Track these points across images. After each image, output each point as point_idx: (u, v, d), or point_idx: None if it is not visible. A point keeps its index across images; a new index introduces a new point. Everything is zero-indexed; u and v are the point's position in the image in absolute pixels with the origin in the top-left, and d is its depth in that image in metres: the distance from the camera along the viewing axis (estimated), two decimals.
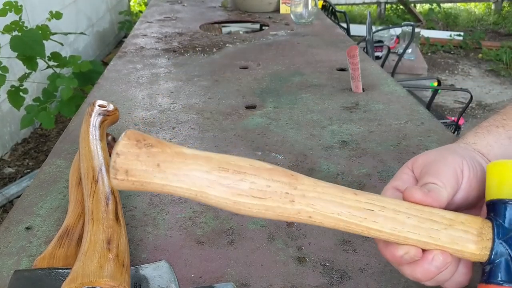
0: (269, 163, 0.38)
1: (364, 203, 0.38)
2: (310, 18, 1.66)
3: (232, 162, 0.36)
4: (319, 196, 0.37)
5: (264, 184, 0.36)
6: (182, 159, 0.35)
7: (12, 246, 0.58)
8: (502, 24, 5.30)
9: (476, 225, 0.38)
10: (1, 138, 2.53)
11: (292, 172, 0.38)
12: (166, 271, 0.52)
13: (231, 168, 0.36)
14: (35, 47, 1.95)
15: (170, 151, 0.35)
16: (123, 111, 0.96)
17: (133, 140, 0.35)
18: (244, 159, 0.37)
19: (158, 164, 0.35)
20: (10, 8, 2.00)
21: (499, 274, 0.38)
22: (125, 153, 0.34)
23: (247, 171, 0.36)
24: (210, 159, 0.36)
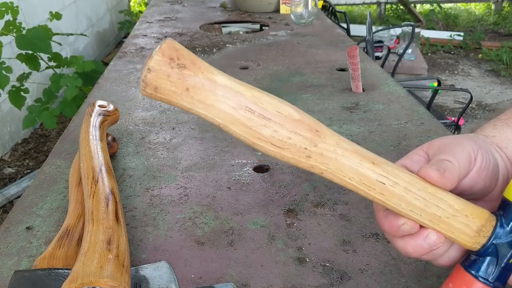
0: (299, 111, 0.37)
1: (378, 175, 0.37)
2: (310, 18, 1.66)
3: (261, 104, 0.35)
4: (336, 157, 0.37)
5: (286, 135, 0.36)
6: (212, 88, 0.35)
7: (12, 246, 0.58)
8: (502, 24, 5.31)
9: (480, 221, 0.38)
10: (1, 138, 2.53)
11: (318, 126, 0.37)
12: (166, 272, 0.52)
13: (257, 111, 0.35)
14: (41, 44, 1.96)
15: (202, 76, 0.35)
16: (123, 111, 0.96)
17: (167, 57, 0.34)
18: (275, 103, 0.36)
19: (187, 88, 0.35)
20: (7, 10, 2.01)
21: (480, 268, 0.39)
22: (156, 70, 0.34)
23: (272, 118, 0.36)
24: (239, 95, 0.35)
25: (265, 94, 0.36)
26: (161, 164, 0.76)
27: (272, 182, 0.71)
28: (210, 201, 0.67)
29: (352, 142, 0.38)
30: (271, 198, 0.67)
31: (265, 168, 0.75)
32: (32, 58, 2.07)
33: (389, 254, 0.55)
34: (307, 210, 0.64)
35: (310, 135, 0.36)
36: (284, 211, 0.64)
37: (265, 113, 0.35)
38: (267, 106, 0.35)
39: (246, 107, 0.35)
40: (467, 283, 0.39)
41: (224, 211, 0.64)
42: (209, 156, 0.79)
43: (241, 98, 0.35)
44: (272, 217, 0.63)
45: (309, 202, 0.66)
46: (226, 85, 0.35)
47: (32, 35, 1.96)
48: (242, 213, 0.64)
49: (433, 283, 0.51)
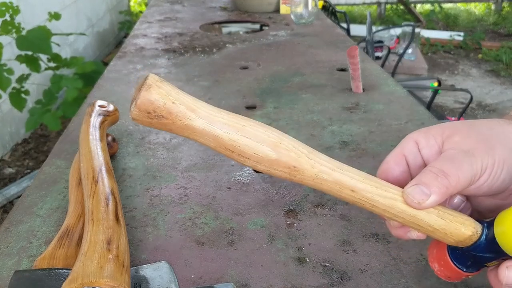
0: (277, 149, 0.39)
1: (357, 199, 0.40)
2: (310, 19, 1.66)
3: (238, 147, 0.38)
4: (315, 185, 0.40)
5: (264, 169, 0.39)
6: (192, 132, 0.38)
7: (12, 246, 0.58)
8: (502, 24, 5.31)
9: (459, 238, 0.39)
10: (1, 139, 2.53)
11: (296, 162, 0.39)
12: (166, 272, 0.52)
13: (236, 152, 0.38)
14: (41, 44, 1.96)
15: (180, 123, 0.38)
16: (123, 111, 0.96)
17: (144, 112, 0.37)
18: (252, 144, 0.38)
19: (171, 129, 0.38)
20: (7, 9, 2.01)
21: (458, 258, 0.41)
22: (138, 120, 0.38)
23: (250, 158, 0.38)
24: (216, 139, 0.38)
25: (243, 135, 0.38)
26: (161, 164, 0.76)
27: (272, 182, 0.71)
28: (210, 201, 0.67)
29: (340, 167, 0.41)
30: (271, 198, 0.67)
31: None
32: (32, 60, 2.07)
33: (389, 254, 0.55)
34: (307, 210, 0.64)
35: (288, 170, 0.39)
36: (284, 211, 0.64)
37: (243, 153, 0.38)
38: (244, 148, 0.38)
39: (225, 147, 0.38)
40: (444, 260, 0.42)
41: (224, 211, 0.64)
42: (209, 156, 0.79)
43: (220, 141, 0.38)
44: (272, 217, 0.63)
45: (309, 202, 0.66)
46: (204, 130, 0.38)
47: (33, 35, 1.96)
48: (242, 213, 0.64)
49: (433, 283, 0.51)
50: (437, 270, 0.43)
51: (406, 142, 0.44)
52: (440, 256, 0.42)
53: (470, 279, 0.51)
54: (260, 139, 0.39)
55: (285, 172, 0.39)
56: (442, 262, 0.42)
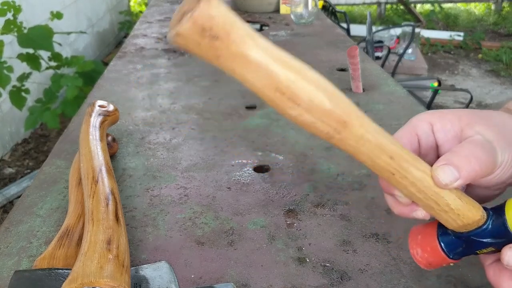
0: (333, 99, 0.35)
1: (391, 168, 0.38)
2: (310, 19, 1.66)
3: (294, 88, 0.33)
4: (355, 146, 0.37)
5: (310, 120, 0.35)
6: (244, 63, 0.33)
7: (12, 246, 0.58)
8: (502, 24, 5.31)
9: (467, 221, 0.39)
10: (1, 139, 2.53)
11: (348, 117, 0.36)
12: (166, 272, 0.52)
13: (288, 94, 0.34)
14: (42, 42, 1.96)
15: (235, 50, 0.32)
16: (123, 111, 0.96)
17: (198, 27, 0.31)
18: (309, 89, 0.34)
19: (218, 57, 0.33)
20: (9, 8, 2.01)
21: (449, 243, 0.41)
22: (184, 36, 0.31)
23: (302, 104, 0.34)
24: (271, 75, 0.33)
25: (302, 77, 0.34)
26: (161, 164, 0.76)
27: (272, 182, 0.71)
28: (210, 201, 0.67)
29: (381, 132, 0.38)
30: (271, 198, 0.67)
31: (265, 168, 0.75)
32: (33, 58, 2.07)
33: (389, 254, 0.55)
34: (307, 210, 0.64)
35: (335, 125, 0.35)
36: (284, 211, 0.64)
37: (295, 98, 0.34)
38: (299, 92, 0.34)
39: (277, 88, 0.33)
40: (432, 245, 0.42)
41: (224, 211, 0.64)
42: (209, 156, 0.79)
43: (274, 79, 0.33)
44: (272, 217, 0.63)
45: (309, 202, 0.66)
46: (260, 63, 0.33)
47: (34, 33, 1.96)
48: (242, 213, 0.64)
49: (433, 283, 0.51)
50: (419, 256, 0.42)
51: (419, 122, 0.43)
52: (426, 242, 0.42)
53: (470, 279, 0.51)
54: (321, 86, 0.35)
55: (330, 127, 0.35)
56: (429, 248, 0.42)
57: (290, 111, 0.34)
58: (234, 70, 0.33)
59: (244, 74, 0.33)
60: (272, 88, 0.33)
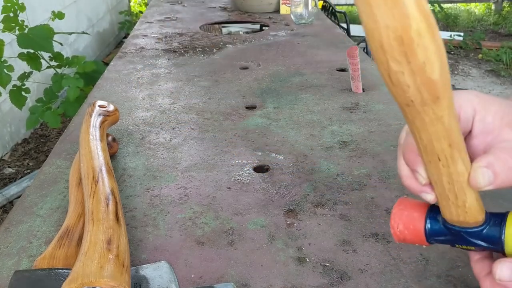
0: (443, 68, 0.31)
1: (442, 154, 0.36)
2: (310, 19, 1.66)
3: (416, 41, 0.29)
4: (424, 121, 0.34)
5: (406, 83, 0.31)
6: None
7: (12, 246, 0.58)
8: (502, 24, 5.30)
9: (471, 219, 0.39)
10: (1, 139, 2.53)
11: (442, 94, 0.32)
12: (166, 272, 0.52)
13: (407, 44, 0.29)
14: (42, 43, 1.96)
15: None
16: (123, 111, 0.96)
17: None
18: (431, 48, 0.29)
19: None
20: (13, 6, 2.01)
21: (435, 229, 0.41)
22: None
23: (412, 62, 0.30)
24: (403, 16, 0.28)
25: (431, 35, 0.29)
26: (161, 164, 0.76)
27: (272, 182, 0.71)
28: (210, 201, 0.67)
29: (456, 116, 0.35)
30: (271, 198, 0.67)
31: (265, 168, 0.75)
32: (34, 58, 2.07)
33: (389, 254, 0.55)
34: (307, 210, 0.64)
35: (427, 97, 0.31)
36: (284, 211, 0.64)
37: (411, 54, 0.29)
38: (419, 50, 0.29)
39: (399, 35, 0.29)
40: (416, 226, 0.42)
41: (224, 211, 0.64)
42: (209, 156, 0.79)
43: (404, 22, 0.28)
44: (272, 217, 0.63)
45: (309, 202, 0.66)
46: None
47: (34, 33, 1.96)
48: (242, 213, 0.64)
49: (433, 283, 0.51)
50: (398, 231, 0.42)
51: (465, 103, 0.40)
52: (411, 221, 0.42)
53: (470, 279, 0.51)
54: (440, 51, 0.30)
55: (420, 98, 0.31)
56: (411, 227, 0.42)
57: (392, 64, 0.30)
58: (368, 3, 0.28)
59: (377, 5, 0.28)
60: (393, 30, 0.28)
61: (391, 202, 0.65)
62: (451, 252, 0.55)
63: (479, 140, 0.40)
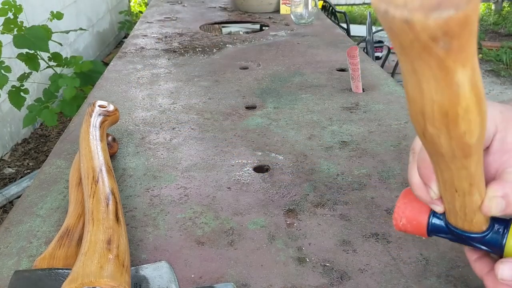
0: (481, 135, 0.30)
1: (461, 189, 0.35)
2: (310, 19, 1.66)
3: (461, 115, 0.27)
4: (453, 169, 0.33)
5: (440, 143, 0.30)
6: (438, 75, 0.26)
7: (12, 246, 0.58)
8: (502, 24, 5.31)
9: (475, 229, 0.39)
10: (1, 139, 2.53)
11: (474, 153, 0.31)
12: (166, 272, 0.52)
13: (451, 117, 0.27)
14: (39, 43, 1.95)
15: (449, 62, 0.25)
16: (123, 111, 0.96)
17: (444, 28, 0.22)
18: (475, 120, 0.28)
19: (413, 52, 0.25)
20: (10, 8, 2.01)
21: (437, 226, 0.41)
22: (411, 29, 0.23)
23: (451, 132, 0.29)
24: (454, 96, 0.26)
25: (478, 110, 0.28)
26: (161, 164, 0.76)
27: (272, 182, 0.71)
28: (210, 201, 0.67)
29: (481, 162, 0.34)
30: (271, 198, 0.67)
31: (265, 168, 0.75)
32: (32, 58, 2.07)
33: (389, 254, 0.55)
34: (307, 210, 0.64)
35: (459, 154, 0.31)
36: (284, 211, 0.64)
37: (452, 125, 0.28)
38: (462, 122, 0.28)
39: (445, 110, 0.27)
40: (419, 222, 0.42)
41: (224, 211, 0.64)
42: (209, 156, 0.79)
43: (453, 100, 0.27)
44: (272, 217, 0.63)
45: (309, 202, 0.66)
46: (457, 83, 0.26)
47: (31, 33, 1.96)
48: (242, 213, 0.64)
49: (433, 283, 0.51)
50: (401, 224, 0.43)
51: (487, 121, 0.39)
52: (415, 217, 0.42)
53: (470, 279, 0.51)
54: (483, 122, 0.29)
55: (451, 153, 0.31)
56: (414, 223, 0.42)
57: (430, 128, 0.28)
58: (415, 70, 0.25)
59: (427, 83, 0.26)
60: (439, 105, 0.26)
61: (391, 202, 0.65)
62: (451, 252, 0.55)
63: (495, 157, 0.40)
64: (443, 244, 0.56)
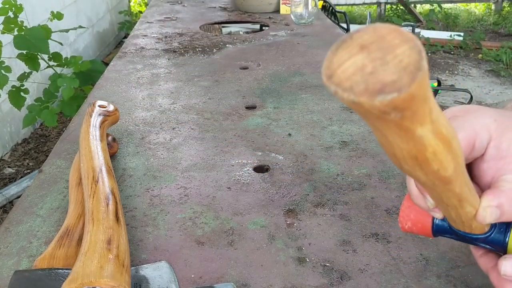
0: (457, 166, 0.31)
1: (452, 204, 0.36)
2: (310, 19, 1.66)
3: (431, 158, 0.29)
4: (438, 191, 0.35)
5: (418, 177, 0.32)
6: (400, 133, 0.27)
7: (12, 246, 0.58)
8: (502, 24, 5.31)
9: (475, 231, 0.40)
10: (1, 139, 2.53)
11: (453, 179, 0.32)
12: (166, 272, 0.52)
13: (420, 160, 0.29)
14: (39, 44, 1.95)
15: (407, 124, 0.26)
16: (123, 111, 0.96)
17: (391, 107, 0.24)
18: (447, 159, 0.30)
19: (378, 121, 0.27)
20: (10, 7, 2.00)
21: (442, 226, 0.42)
22: (362, 108, 0.24)
23: (427, 171, 0.30)
24: (420, 145, 0.27)
25: (447, 150, 0.29)
26: (161, 164, 0.76)
27: (272, 182, 0.71)
28: (210, 201, 0.67)
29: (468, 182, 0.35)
30: (271, 198, 0.67)
31: (265, 168, 0.75)
32: (32, 58, 2.06)
33: (389, 254, 0.55)
34: (307, 210, 0.64)
35: (439, 183, 0.32)
36: (284, 211, 0.64)
37: (425, 165, 0.29)
38: (433, 163, 0.29)
39: (415, 156, 0.29)
40: (424, 225, 0.43)
41: (224, 211, 0.64)
42: (209, 156, 0.79)
43: (419, 149, 0.28)
44: (272, 217, 0.63)
45: (309, 202, 0.66)
46: (421, 137, 0.28)
47: (31, 35, 1.96)
48: (242, 213, 0.64)
49: (433, 283, 0.51)
50: (407, 227, 0.43)
51: (481, 130, 0.39)
52: (420, 220, 0.43)
53: (470, 279, 0.51)
54: (457, 157, 0.31)
55: (431, 182, 0.32)
56: (420, 225, 0.43)
57: (404, 165, 0.30)
58: (378, 128, 0.27)
59: (391, 137, 0.27)
60: (407, 151, 0.28)
61: (391, 202, 0.65)
62: (451, 252, 0.55)
63: (490, 165, 0.40)
64: (443, 244, 0.56)
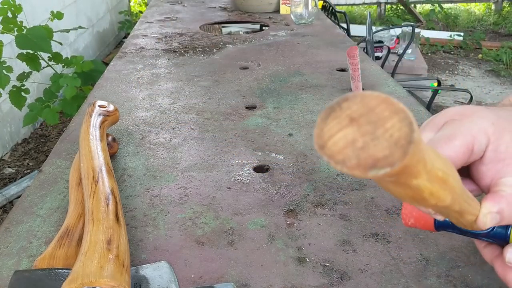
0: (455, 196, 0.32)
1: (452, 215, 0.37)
2: (310, 19, 1.66)
3: (427, 198, 0.30)
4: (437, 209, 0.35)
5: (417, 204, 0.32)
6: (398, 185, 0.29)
7: (12, 246, 0.58)
8: (502, 24, 5.31)
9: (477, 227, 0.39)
10: (1, 139, 2.53)
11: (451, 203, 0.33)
12: (166, 272, 0.52)
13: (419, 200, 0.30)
14: (41, 43, 1.95)
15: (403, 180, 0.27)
16: (123, 111, 0.96)
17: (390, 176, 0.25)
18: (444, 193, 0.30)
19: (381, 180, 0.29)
20: (9, 7, 2.00)
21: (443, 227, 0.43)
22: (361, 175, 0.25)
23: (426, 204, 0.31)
24: (417, 192, 0.28)
25: (443, 188, 0.30)
26: (161, 164, 0.76)
27: (272, 182, 0.71)
28: (210, 201, 0.67)
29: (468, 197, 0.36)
30: (271, 198, 0.67)
31: (265, 168, 0.75)
32: (33, 58, 2.07)
33: (389, 254, 0.55)
34: (307, 210, 0.64)
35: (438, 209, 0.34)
36: (284, 211, 0.64)
37: (424, 202, 0.30)
38: (430, 199, 0.30)
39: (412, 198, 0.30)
40: (427, 222, 0.44)
41: (224, 211, 0.64)
42: (209, 156, 0.79)
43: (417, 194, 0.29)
44: (272, 217, 0.63)
45: (309, 202, 0.66)
46: (417, 187, 0.28)
47: (32, 34, 1.96)
48: (242, 213, 0.64)
49: (433, 283, 0.51)
50: (411, 223, 0.44)
51: (479, 134, 0.39)
52: (422, 218, 0.44)
53: (470, 279, 0.51)
54: (456, 192, 0.32)
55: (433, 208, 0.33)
56: (423, 221, 0.44)
57: (405, 200, 0.31)
58: (377, 183, 0.29)
59: (387, 187, 0.28)
60: (406, 195, 0.29)
61: (391, 202, 0.65)
62: (451, 252, 0.55)
63: (489, 167, 0.40)
64: (443, 244, 0.56)
